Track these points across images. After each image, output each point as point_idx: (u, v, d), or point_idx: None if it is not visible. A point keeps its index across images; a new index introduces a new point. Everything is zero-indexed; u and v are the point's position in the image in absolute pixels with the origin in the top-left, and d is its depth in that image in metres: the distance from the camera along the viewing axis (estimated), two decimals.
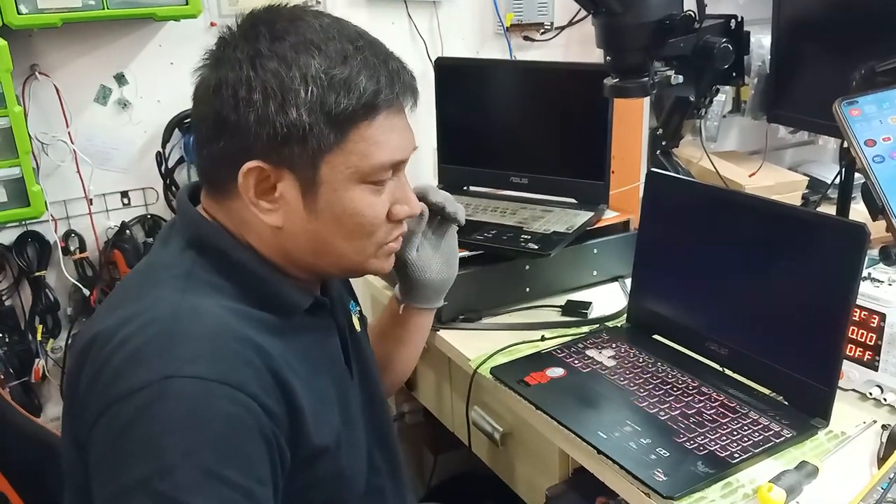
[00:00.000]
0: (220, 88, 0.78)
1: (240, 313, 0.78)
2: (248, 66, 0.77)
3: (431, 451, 1.77)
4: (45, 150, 1.48)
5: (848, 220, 1.24)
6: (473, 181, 1.64)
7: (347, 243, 0.83)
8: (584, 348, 1.23)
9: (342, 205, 0.81)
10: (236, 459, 0.70)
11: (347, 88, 0.77)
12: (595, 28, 1.25)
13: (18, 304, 1.54)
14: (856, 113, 0.91)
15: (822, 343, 1.01)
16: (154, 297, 0.78)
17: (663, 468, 0.93)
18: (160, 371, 0.70)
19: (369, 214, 0.83)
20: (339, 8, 1.66)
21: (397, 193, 0.86)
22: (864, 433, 1.01)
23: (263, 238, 0.83)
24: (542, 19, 1.84)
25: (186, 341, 0.73)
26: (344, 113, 0.77)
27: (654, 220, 1.26)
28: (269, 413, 0.73)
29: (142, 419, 0.69)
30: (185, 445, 0.68)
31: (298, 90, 0.76)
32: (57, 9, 1.32)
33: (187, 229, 0.84)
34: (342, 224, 0.82)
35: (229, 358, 0.73)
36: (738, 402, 1.06)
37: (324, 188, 0.80)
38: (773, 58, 1.56)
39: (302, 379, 0.80)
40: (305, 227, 0.81)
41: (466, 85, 1.61)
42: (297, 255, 0.84)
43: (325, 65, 0.77)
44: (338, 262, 0.86)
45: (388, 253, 0.89)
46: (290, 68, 0.76)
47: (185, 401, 0.69)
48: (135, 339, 0.73)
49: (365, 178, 0.81)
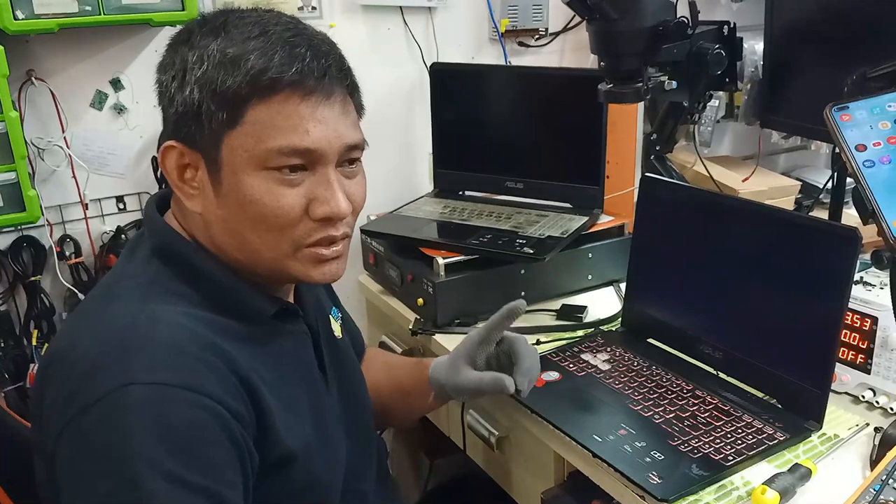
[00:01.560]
0: (157, 77, 0.83)
1: (204, 320, 0.77)
2: (171, 51, 0.81)
3: (427, 455, 1.77)
4: (41, 154, 1.48)
5: (840, 224, 1.25)
6: (469, 186, 1.65)
7: (256, 235, 0.79)
8: (580, 352, 1.23)
9: (243, 190, 0.77)
10: (201, 464, 0.69)
11: (235, 66, 0.75)
12: (589, 34, 1.26)
13: (13, 308, 1.54)
14: (846, 118, 0.91)
15: (815, 346, 1.02)
16: (113, 308, 0.77)
17: (658, 471, 0.93)
18: (119, 380, 0.69)
19: (271, 204, 0.78)
20: (336, 14, 1.66)
21: (318, 191, 0.79)
22: (856, 436, 1.01)
23: (199, 229, 0.83)
24: (536, 25, 1.85)
25: (145, 348, 0.72)
26: (230, 90, 0.75)
27: (649, 224, 1.27)
28: (234, 415, 0.73)
29: (103, 430, 0.68)
30: (147, 453, 0.67)
31: (193, 68, 0.77)
32: (54, 14, 1.33)
33: (152, 238, 0.84)
34: (245, 211, 0.78)
35: (190, 363, 0.72)
36: (732, 405, 1.07)
37: (225, 170, 0.78)
38: (766, 64, 1.57)
39: (269, 385, 0.79)
40: (216, 212, 0.80)
41: (462, 90, 1.62)
42: (223, 247, 0.82)
43: (224, 45, 0.77)
44: (255, 258, 0.81)
45: (315, 259, 0.82)
46: (193, 50, 0.78)
47: (146, 408, 0.69)
48: (92, 351, 0.72)
49: (263, 164, 0.77)
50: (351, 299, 1.65)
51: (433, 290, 1.33)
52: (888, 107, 0.92)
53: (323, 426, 0.88)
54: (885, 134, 0.90)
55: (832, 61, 1.36)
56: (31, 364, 1.53)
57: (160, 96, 0.82)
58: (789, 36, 1.49)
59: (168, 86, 0.79)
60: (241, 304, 0.82)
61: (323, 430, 0.88)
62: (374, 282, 1.58)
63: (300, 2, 1.62)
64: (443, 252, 1.37)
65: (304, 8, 1.62)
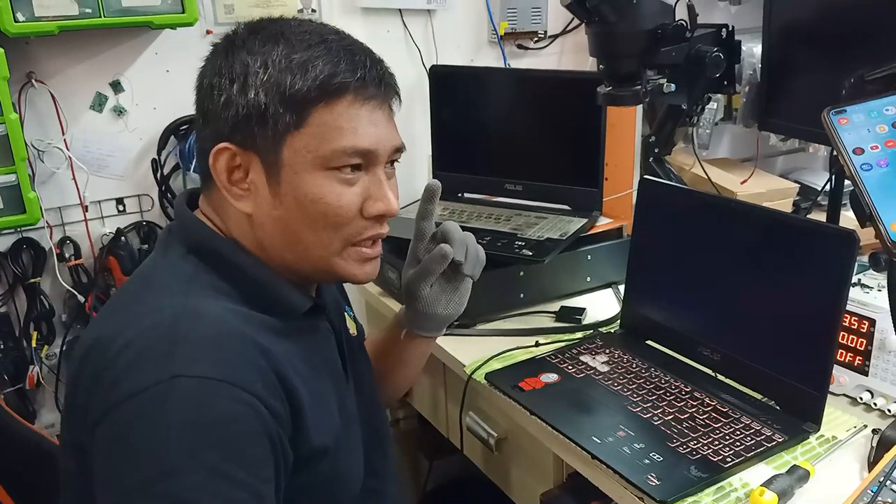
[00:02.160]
0: (202, 80, 0.83)
1: (243, 315, 0.79)
2: (222, 57, 0.82)
3: (426, 456, 1.78)
4: (41, 157, 1.48)
5: (838, 226, 1.25)
6: (468, 188, 1.66)
7: (312, 233, 0.82)
8: (578, 354, 1.23)
9: (304, 189, 0.81)
10: (242, 459, 0.70)
11: (304, 70, 0.79)
12: (588, 37, 1.26)
13: (13, 310, 1.54)
14: (844, 122, 0.92)
15: (813, 348, 1.02)
16: (156, 301, 0.78)
17: (657, 472, 0.94)
18: (164, 372, 0.70)
19: (333, 203, 0.81)
20: (336, 16, 1.67)
21: (372, 189, 0.84)
22: (854, 437, 1.02)
23: (243, 230, 0.84)
24: (535, 28, 1.85)
25: (190, 342, 0.73)
26: (299, 94, 0.79)
27: (648, 226, 1.27)
28: (273, 413, 0.74)
29: (146, 420, 0.69)
30: (190, 445, 0.68)
31: (258, 72, 0.79)
32: (54, 17, 1.33)
33: (187, 235, 0.85)
34: (305, 210, 0.81)
35: (233, 358, 0.74)
36: (731, 407, 1.07)
37: (286, 171, 0.81)
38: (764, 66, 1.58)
39: (304, 380, 0.80)
40: (272, 212, 0.82)
41: (461, 92, 1.62)
42: (270, 247, 0.84)
43: (287, 51, 0.80)
44: (305, 255, 0.84)
45: (360, 257, 0.86)
46: (254, 55, 0.80)
47: (190, 401, 0.70)
48: (138, 342, 0.73)
49: (326, 164, 0.81)
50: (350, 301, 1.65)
51: None
52: (886, 110, 0.93)
53: (346, 421, 0.90)
54: (883, 137, 0.91)
55: (830, 64, 1.36)
56: (30, 366, 1.53)
57: (208, 100, 0.82)
58: (787, 39, 1.50)
59: (223, 89, 0.80)
60: (279, 299, 0.84)
61: (347, 425, 0.89)
62: (374, 283, 1.58)
63: (300, 3, 1.62)
64: None
65: (304, 10, 1.62)
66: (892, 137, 0.90)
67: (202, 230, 0.85)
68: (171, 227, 0.89)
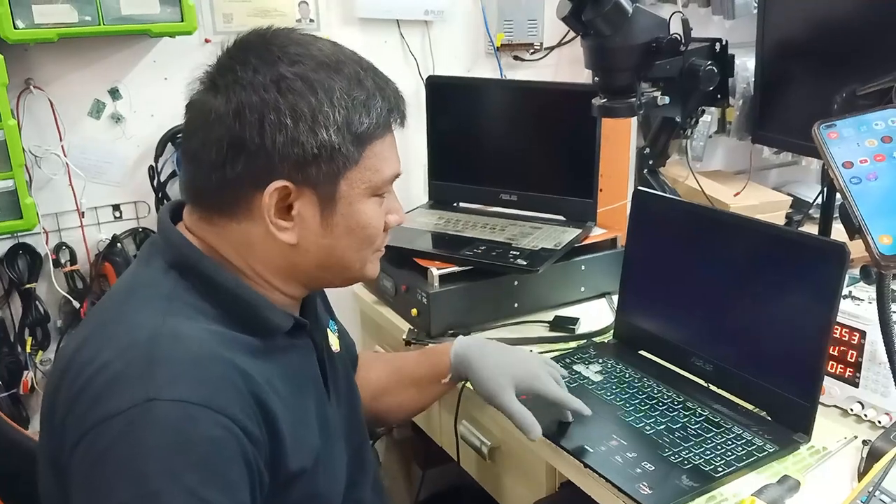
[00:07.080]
0: (242, 112, 0.78)
1: (222, 336, 0.78)
2: (273, 89, 0.78)
3: (420, 465, 1.78)
4: (39, 163, 1.49)
5: (829, 239, 1.26)
6: (463, 198, 1.67)
7: (355, 254, 0.88)
8: (572, 363, 1.24)
9: (356, 218, 0.85)
10: (221, 482, 0.70)
11: (367, 109, 0.82)
12: (584, 49, 1.28)
13: (8, 315, 1.54)
14: (833, 136, 0.93)
15: (804, 360, 1.03)
16: (134, 319, 0.77)
17: (648, 482, 0.94)
18: (141, 394, 0.70)
19: (377, 225, 0.88)
20: (334, 27, 1.68)
21: (389, 204, 0.91)
22: (844, 448, 1.03)
23: (269, 257, 0.84)
24: (531, 40, 1.87)
25: (168, 365, 0.72)
26: (366, 132, 0.82)
27: (641, 237, 1.28)
28: (250, 437, 0.74)
29: (123, 443, 0.69)
30: (169, 469, 0.68)
31: (328, 112, 0.79)
32: (53, 24, 1.34)
33: (169, 250, 0.84)
34: (354, 235, 0.86)
35: (211, 381, 0.73)
36: (722, 417, 1.08)
37: (341, 203, 0.83)
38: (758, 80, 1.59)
39: (283, 399, 0.80)
40: (319, 241, 0.84)
41: (457, 103, 1.63)
42: (303, 269, 0.86)
43: (346, 87, 0.81)
44: (342, 272, 0.89)
45: (377, 259, 0.93)
46: (315, 91, 0.79)
47: (169, 424, 0.69)
48: (115, 363, 0.73)
49: (375, 192, 0.86)
50: (345, 309, 1.65)
51: (427, 301, 1.34)
52: (875, 125, 0.94)
53: (327, 437, 0.90)
54: (872, 151, 0.92)
55: (822, 79, 1.38)
56: (24, 371, 1.53)
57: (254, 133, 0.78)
58: (780, 53, 1.51)
59: (283, 127, 0.77)
60: (261, 319, 0.83)
61: (327, 443, 0.89)
62: (369, 292, 1.58)
63: (298, 14, 1.64)
64: (437, 263, 1.38)
65: (302, 20, 1.64)
66: (881, 152, 0.91)
67: (185, 247, 0.83)
68: (153, 240, 0.88)
